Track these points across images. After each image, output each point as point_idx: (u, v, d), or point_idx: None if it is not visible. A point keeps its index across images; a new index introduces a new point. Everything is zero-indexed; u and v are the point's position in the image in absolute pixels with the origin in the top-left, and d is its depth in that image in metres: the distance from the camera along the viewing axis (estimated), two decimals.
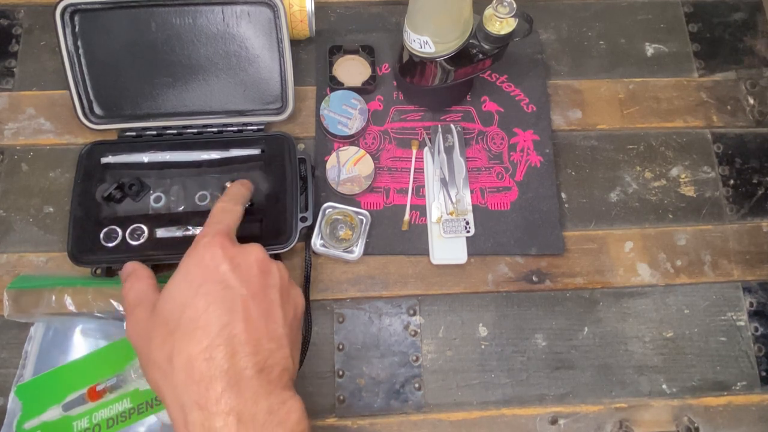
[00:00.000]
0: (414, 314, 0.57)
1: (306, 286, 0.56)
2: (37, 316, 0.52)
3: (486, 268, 0.58)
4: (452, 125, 0.62)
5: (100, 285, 0.52)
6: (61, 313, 0.52)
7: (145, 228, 0.55)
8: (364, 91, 0.62)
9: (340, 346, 0.56)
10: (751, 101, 0.66)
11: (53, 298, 0.51)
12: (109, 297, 0.52)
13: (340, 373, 0.55)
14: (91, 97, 0.58)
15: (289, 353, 0.39)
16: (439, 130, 0.61)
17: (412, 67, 0.58)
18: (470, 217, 0.58)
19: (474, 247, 0.58)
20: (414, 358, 0.56)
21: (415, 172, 0.61)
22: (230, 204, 0.46)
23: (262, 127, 0.60)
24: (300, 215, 0.55)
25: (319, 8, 0.65)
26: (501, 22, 0.51)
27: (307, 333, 0.55)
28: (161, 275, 0.55)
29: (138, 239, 0.54)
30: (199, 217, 0.56)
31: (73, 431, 0.49)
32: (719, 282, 0.59)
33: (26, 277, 0.54)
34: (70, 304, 0.51)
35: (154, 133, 0.59)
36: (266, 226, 0.56)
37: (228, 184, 0.55)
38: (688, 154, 0.64)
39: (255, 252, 0.42)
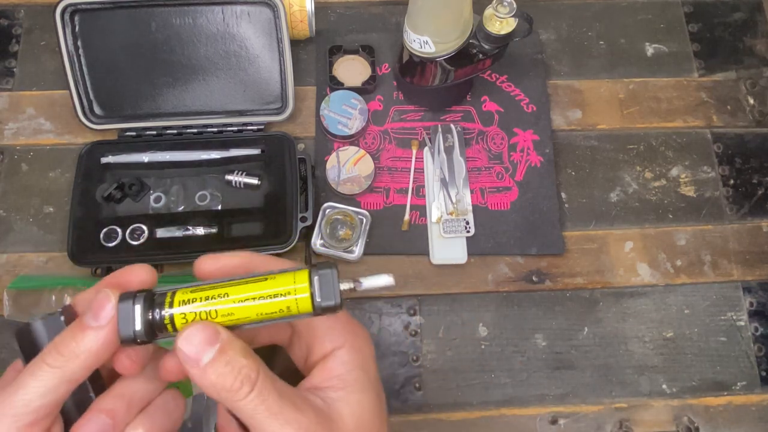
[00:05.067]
0: (414, 314, 0.57)
1: None
2: None
3: (486, 268, 0.58)
4: (452, 125, 0.62)
5: None
6: None
7: (145, 228, 0.55)
8: (364, 91, 0.62)
9: None
10: (751, 101, 0.66)
11: (53, 298, 0.51)
12: None
13: None
14: (91, 97, 0.58)
15: None
16: (439, 130, 0.61)
17: (412, 67, 0.58)
18: (470, 217, 0.58)
19: (474, 247, 0.58)
20: (414, 358, 0.55)
21: (415, 172, 0.61)
22: None
23: (262, 127, 0.60)
24: (300, 215, 0.55)
25: (319, 8, 0.65)
26: (501, 22, 0.51)
27: None
28: (161, 276, 0.55)
29: (138, 239, 0.54)
30: (200, 217, 0.56)
31: None
32: (719, 282, 0.59)
33: (26, 277, 0.54)
34: None
35: (154, 133, 0.59)
36: (266, 226, 0.56)
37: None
38: (688, 154, 0.64)
39: None
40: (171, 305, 0.26)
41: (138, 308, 0.25)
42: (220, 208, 0.57)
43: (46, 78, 0.62)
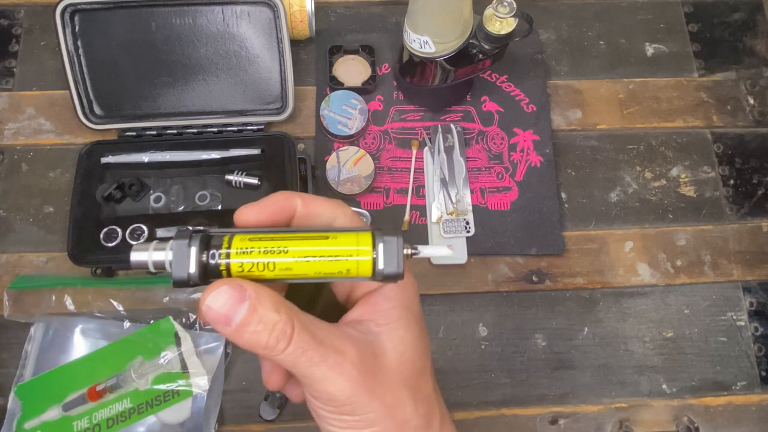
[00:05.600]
0: None
1: None
2: (37, 316, 0.52)
3: (486, 268, 0.58)
4: (452, 125, 0.62)
5: (100, 285, 0.52)
6: (61, 313, 0.52)
7: (145, 228, 0.55)
8: (364, 91, 0.62)
9: None
10: (751, 101, 0.66)
11: (53, 298, 0.51)
12: (108, 297, 0.52)
13: None
14: (91, 97, 0.58)
15: None
16: (439, 130, 0.61)
17: (412, 67, 0.58)
18: (470, 217, 0.58)
19: (474, 247, 0.58)
20: None
21: (415, 172, 0.61)
22: None
23: (262, 127, 0.60)
24: None
25: (319, 8, 0.65)
26: (501, 22, 0.51)
27: None
28: (160, 275, 0.55)
29: (138, 239, 0.54)
30: (200, 217, 0.56)
31: (73, 431, 0.49)
32: (719, 282, 0.59)
33: (26, 277, 0.54)
34: (70, 304, 0.51)
35: (154, 133, 0.59)
36: None
37: None
38: (688, 154, 0.64)
39: None
40: (228, 251, 0.24)
41: (194, 250, 0.23)
42: (220, 208, 0.57)
43: (46, 78, 0.62)
